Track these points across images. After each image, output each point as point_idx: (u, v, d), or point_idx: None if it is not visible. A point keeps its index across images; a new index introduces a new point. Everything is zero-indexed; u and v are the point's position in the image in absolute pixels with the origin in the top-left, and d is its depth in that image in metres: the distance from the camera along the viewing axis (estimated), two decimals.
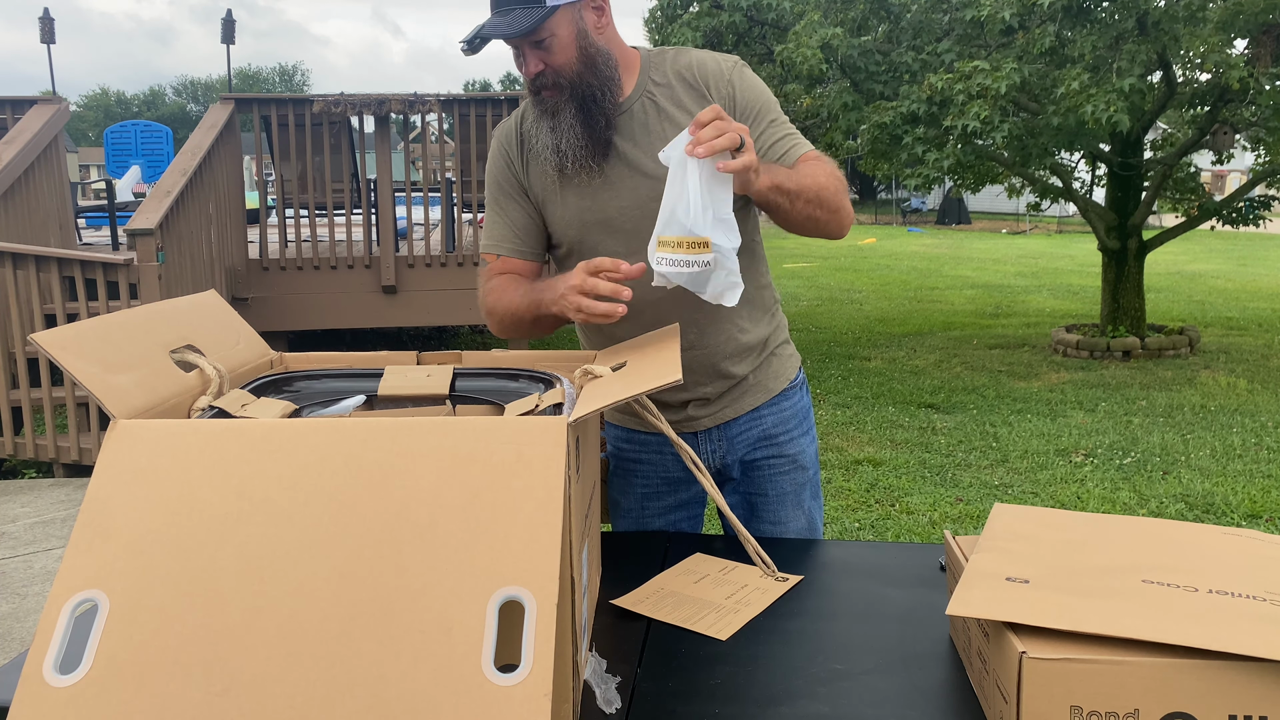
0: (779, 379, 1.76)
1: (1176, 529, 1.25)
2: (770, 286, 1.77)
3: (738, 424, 1.74)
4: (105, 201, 8.43)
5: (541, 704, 0.80)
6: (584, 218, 1.61)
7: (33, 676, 0.83)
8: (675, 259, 1.30)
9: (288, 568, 0.87)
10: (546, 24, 1.47)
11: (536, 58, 1.51)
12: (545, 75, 1.52)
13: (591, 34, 1.52)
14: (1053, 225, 23.08)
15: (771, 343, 1.75)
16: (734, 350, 1.69)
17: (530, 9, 1.46)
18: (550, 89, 1.53)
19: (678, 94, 1.60)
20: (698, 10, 8.22)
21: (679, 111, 1.58)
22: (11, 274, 4.87)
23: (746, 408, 1.73)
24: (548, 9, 1.47)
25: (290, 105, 6.49)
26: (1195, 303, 10.96)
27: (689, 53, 1.64)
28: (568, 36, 1.50)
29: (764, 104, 1.61)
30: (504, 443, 0.94)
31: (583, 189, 1.60)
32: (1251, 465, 5.00)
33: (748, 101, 1.59)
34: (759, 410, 1.73)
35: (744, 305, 1.67)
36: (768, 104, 1.61)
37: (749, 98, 1.60)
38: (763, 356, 1.74)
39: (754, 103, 1.60)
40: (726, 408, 1.72)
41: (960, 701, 1.12)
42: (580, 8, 1.51)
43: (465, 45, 1.51)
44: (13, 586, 3.60)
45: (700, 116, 1.30)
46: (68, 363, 1.04)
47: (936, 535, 3.99)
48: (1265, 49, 6.54)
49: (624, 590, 1.42)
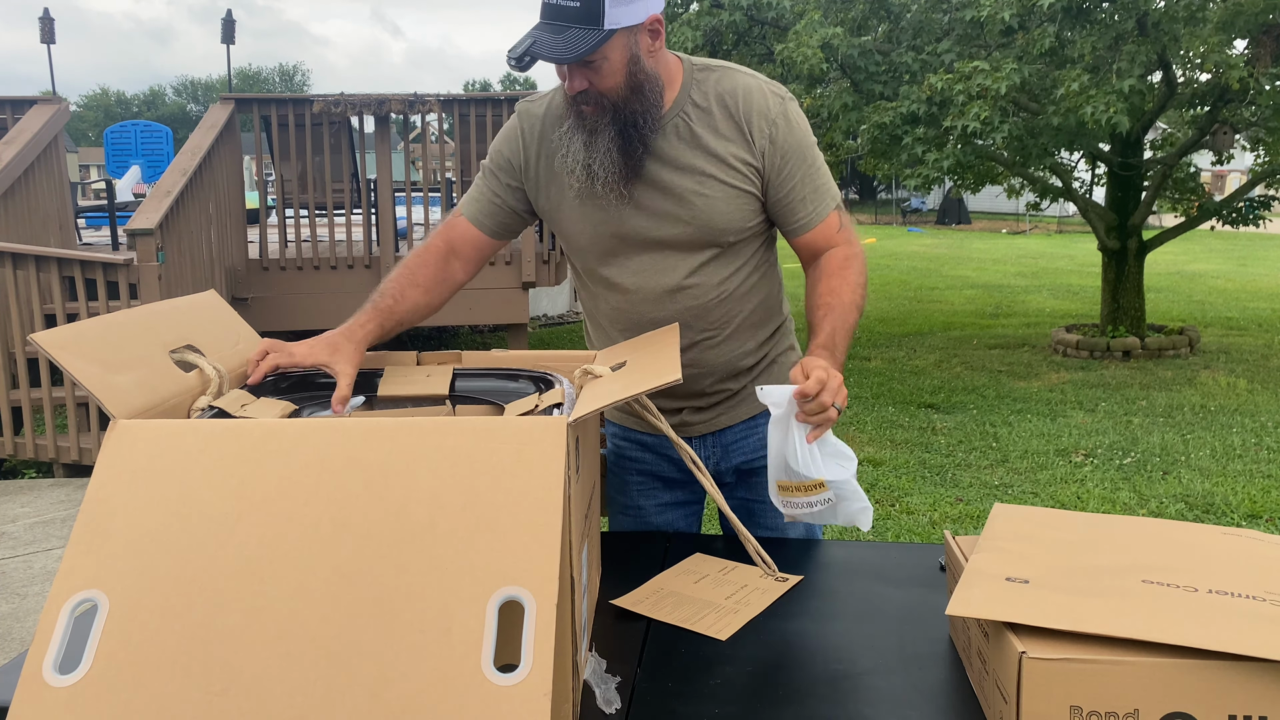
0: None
1: (1176, 529, 1.25)
2: (781, 304, 1.75)
3: (733, 431, 1.72)
4: (105, 201, 8.43)
5: (541, 704, 0.80)
6: (600, 230, 1.58)
7: (33, 676, 0.83)
8: (797, 502, 1.38)
9: (288, 568, 0.87)
10: (602, 48, 1.41)
11: (583, 76, 1.45)
12: (589, 94, 1.47)
13: (644, 59, 1.47)
14: (1053, 225, 23.07)
15: (773, 353, 1.74)
16: (734, 372, 1.69)
17: (588, 31, 1.39)
18: (592, 106, 1.48)
19: (716, 122, 1.54)
20: (698, 9, 8.22)
21: (715, 140, 1.54)
22: (11, 274, 4.86)
23: (742, 416, 1.72)
24: (606, 33, 1.39)
25: (290, 105, 6.49)
26: (1195, 303, 10.96)
27: (736, 76, 1.57)
28: (619, 61, 1.44)
29: (800, 152, 1.56)
30: (504, 443, 0.94)
31: (604, 205, 1.57)
32: (1251, 465, 5.00)
33: (787, 149, 1.55)
34: (756, 419, 1.71)
35: (753, 329, 1.67)
36: (804, 151, 1.57)
37: (789, 144, 1.55)
38: (762, 366, 1.72)
39: (792, 151, 1.55)
40: (721, 415, 1.71)
41: (960, 701, 1.12)
42: (637, 32, 1.44)
43: (514, 62, 1.43)
44: (13, 586, 3.60)
45: (807, 387, 1.34)
46: (68, 363, 1.04)
47: (936, 535, 3.99)
48: (1265, 49, 6.53)
49: (624, 590, 1.42)
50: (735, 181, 1.55)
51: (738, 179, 1.55)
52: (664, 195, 1.55)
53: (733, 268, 1.61)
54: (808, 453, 1.35)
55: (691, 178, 1.54)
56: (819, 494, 1.36)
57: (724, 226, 1.56)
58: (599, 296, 1.67)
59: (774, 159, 1.55)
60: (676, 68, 1.57)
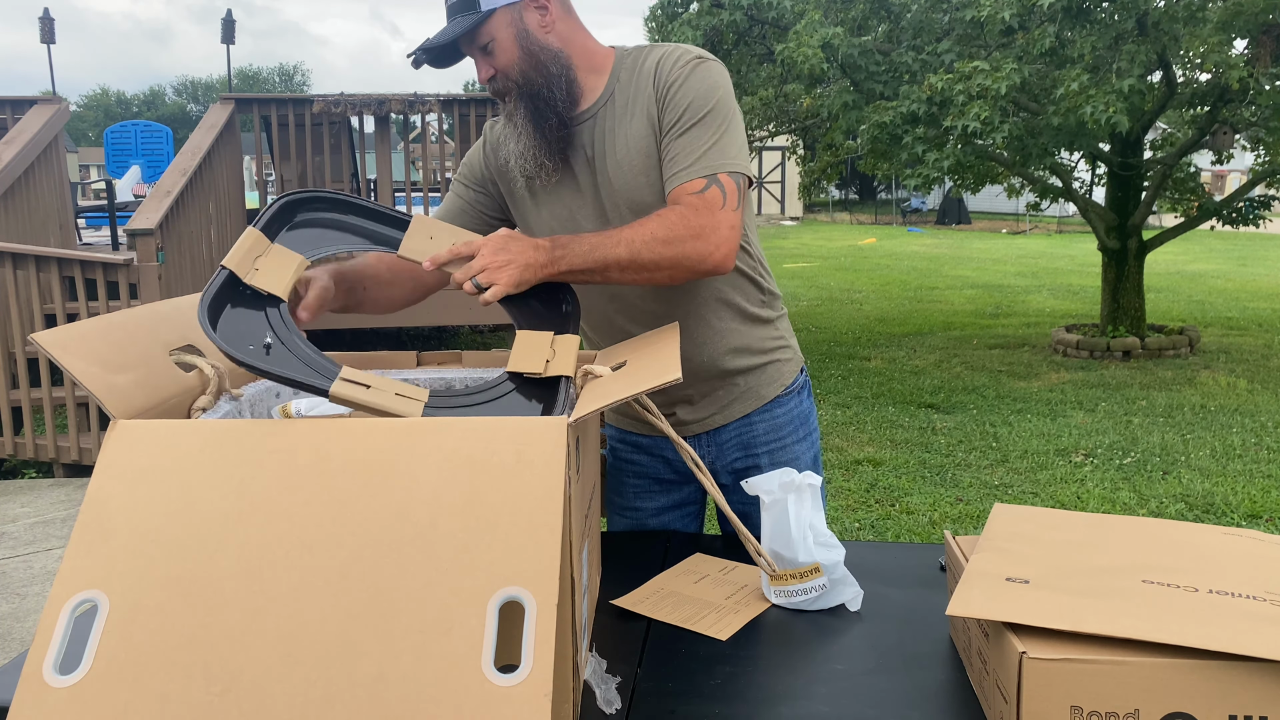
0: (773, 385, 1.72)
1: (1176, 529, 1.25)
2: (770, 296, 1.72)
3: (727, 430, 1.71)
4: (105, 201, 8.43)
5: (541, 704, 0.80)
6: (553, 225, 1.59)
7: (33, 676, 0.83)
8: (792, 590, 1.38)
9: (288, 568, 0.87)
10: (485, 28, 1.47)
11: (485, 63, 1.52)
12: (496, 79, 1.52)
13: (535, 33, 1.51)
14: (1053, 225, 23.07)
15: (767, 349, 1.71)
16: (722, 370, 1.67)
17: (467, 16, 1.47)
18: (505, 94, 1.54)
19: (637, 91, 1.54)
20: (698, 9, 8.22)
21: (636, 111, 1.53)
22: (11, 274, 4.87)
23: (736, 415, 1.70)
24: (483, 13, 1.47)
25: (290, 105, 6.49)
26: (1195, 303, 10.96)
27: (662, 48, 1.57)
28: (508, 39, 1.49)
29: (692, 106, 1.49)
30: (504, 443, 0.94)
31: (553, 195, 1.59)
32: (1251, 465, 5.00)
33: (678, 100, 1.50)
34: (750, 417, 1.70)
35: (737, 322, 1.66)
36: (698, 107, 1.49)
37: (680, 95, 1.50)
38: (755, 363, 1.70)
39: (681, 102, 1.50)
40: (715, 414, 1.70)
41: (960, 701, 1.12)
42: (520, 9, 1.50)
43: (411, 58, 1.52)
44: (13, 586, 3.60)
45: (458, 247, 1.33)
46: (68, 363, 1.04)
47: (936, 535, 3.99)
48: (1265, 49, 6.53)
49: (624, 590, 1.42)
50: (650, 150, 1.52)
51: (652, 145, 1.53)
52: (605, 179, 1.55)
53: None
54: (800, 538, 1.35)
55: (612, 157, 1.54)
56: (814, 579, 1.36)
57: (645, 199, 1.52)
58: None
59: (666, 112, 1.51)
60: (607, 56, 1.59)
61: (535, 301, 1.38)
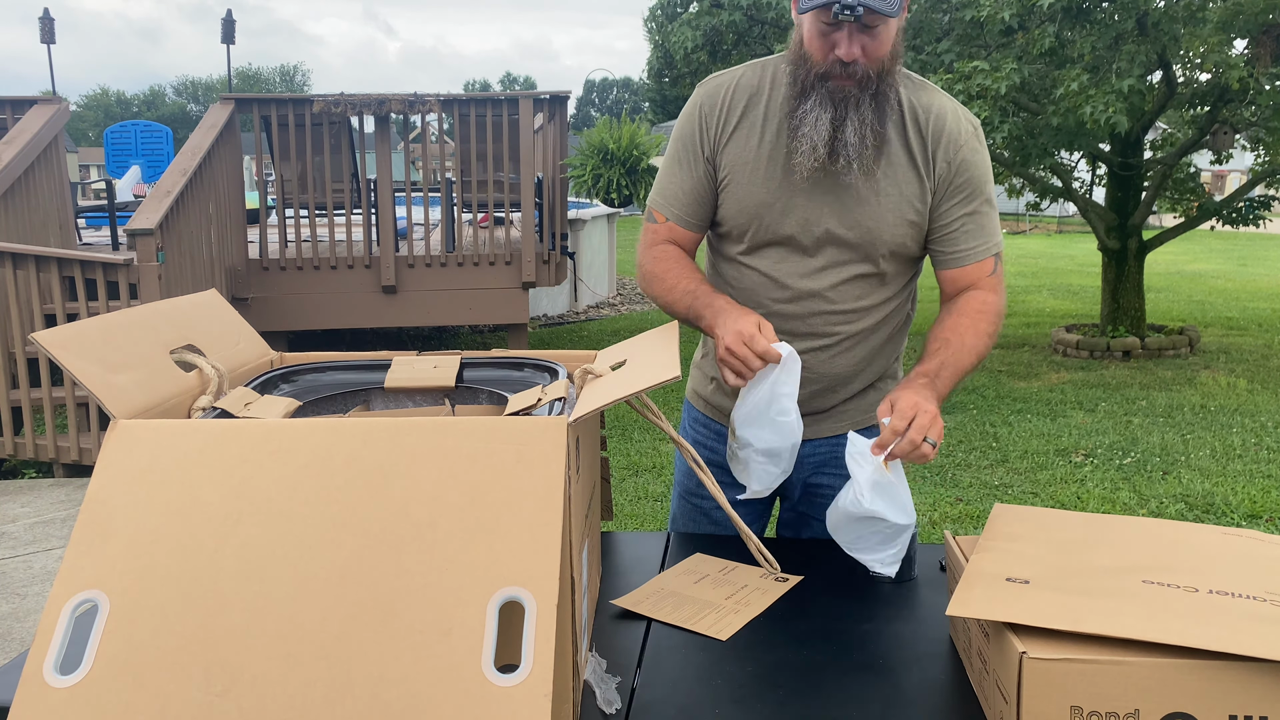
0: (869, 412, 1.70)
1: (1176, 529, 1.25)
2: (899, 347, 1.73)
3: (810, 445, 1.68)
4: (105, 201, 8.43)
5: (541, 704, 0.80)
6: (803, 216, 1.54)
7: (33, 677, 0.83)
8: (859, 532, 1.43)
9: (288, 568, 0.87)
10: (899, 14, 1.41)
11: (860, 43, 1.43)
12: (855, 66, 1.44)
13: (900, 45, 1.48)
14: (1053, 225, 23.07)
15: (876, 378, 1.70)
16: (829, 389, 1.66)
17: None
18: (846, 78, 1.45)
19: (906, 132, 1.53)
20: (697, 9, 8.22)
21: (900, 152, 1.53)
22: (11, 274, 4.86)
23: (825, 433, 1.69)
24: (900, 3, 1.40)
25: (290, 105, 6.49)
26: (1195, 303, 10.96)
27: (933, 94, 1.56)
28: (894, 33, 1.45)
29: (975, 187, 1.55)
30: (504, 443, 0.94)
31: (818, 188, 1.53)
32: (1251, 465, 5.00)
33: (963, 180, 1.54)
34: (837, 438, 1.68)
35: (865, 357, 1.66)
36: (979, 187, 1.55)
37: (966, 177, 1.54)
38: (860, 389, 1.69)
39: (966, 185, 1.54)
40: (807, 427, 1.65)
41: (960, 701, 1.12)
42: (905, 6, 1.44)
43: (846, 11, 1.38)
44: (13, 586, 3.60)
45: (894, 423, 1.35)
46: (68, 362, 1.04)
47: (936, 535, 3.99)
48: (1265, 49, 6.53)
49: (624, 590, 1.42)
50: (917, 201, 1.54)
51: (922, 196, 1.54)
52: (846, 191, 1.53)
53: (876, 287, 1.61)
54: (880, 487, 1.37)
55: (887, 194, 1.53)
56: (873, 526, 1.39)
57: (886, 240, 1.54)
58: (732, 278, 1.64)
59: (949, 181, 1.53)
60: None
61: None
